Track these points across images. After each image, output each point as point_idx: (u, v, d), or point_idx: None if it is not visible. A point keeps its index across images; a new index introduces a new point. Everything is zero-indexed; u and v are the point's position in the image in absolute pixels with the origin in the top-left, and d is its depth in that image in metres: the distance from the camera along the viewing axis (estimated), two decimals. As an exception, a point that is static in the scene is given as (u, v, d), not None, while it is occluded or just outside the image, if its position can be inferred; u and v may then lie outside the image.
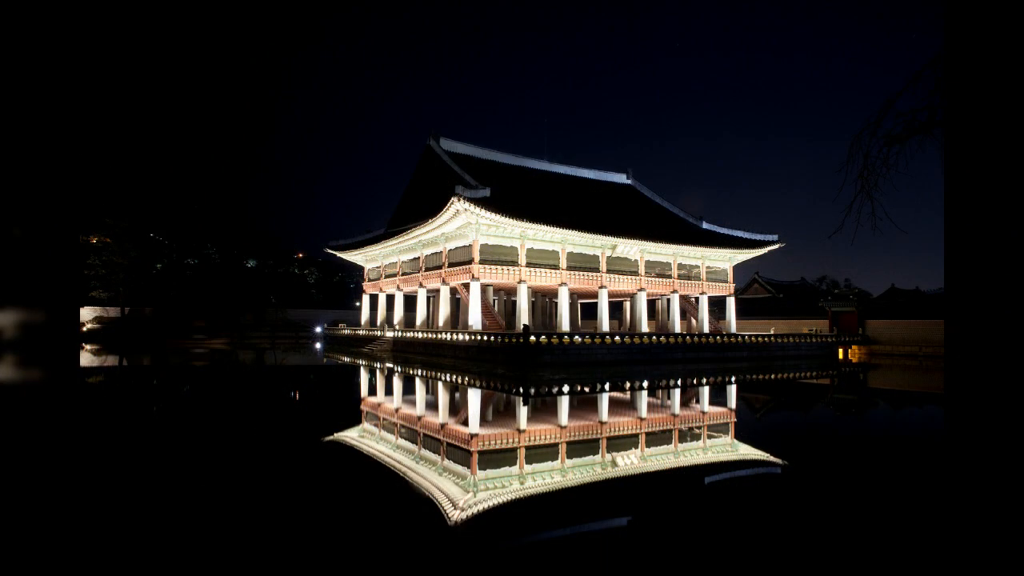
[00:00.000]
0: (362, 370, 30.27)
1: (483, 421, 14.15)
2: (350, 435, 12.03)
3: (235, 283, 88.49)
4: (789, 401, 20.77)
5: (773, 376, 28.83)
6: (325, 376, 28.31)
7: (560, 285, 40.33)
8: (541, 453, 10.91)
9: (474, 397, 19.11)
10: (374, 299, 57.38)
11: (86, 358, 35.07)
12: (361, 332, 53.03)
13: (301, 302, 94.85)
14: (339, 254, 56.52)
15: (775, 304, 67.35)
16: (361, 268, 59.87)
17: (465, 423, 13.82)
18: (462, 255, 39.78)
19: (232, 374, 27.69)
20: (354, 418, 14.64)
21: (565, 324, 39.71)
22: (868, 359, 46.50)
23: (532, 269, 39.38)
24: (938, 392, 22.43)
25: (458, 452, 10.69)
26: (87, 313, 67.58)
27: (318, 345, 57.72)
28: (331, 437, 11.75)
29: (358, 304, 69.19)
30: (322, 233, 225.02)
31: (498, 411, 16.22)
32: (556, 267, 40.40)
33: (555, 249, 40.43)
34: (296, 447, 11.05)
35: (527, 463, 10.04)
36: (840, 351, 48.98)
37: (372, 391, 21.34)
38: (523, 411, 16.08)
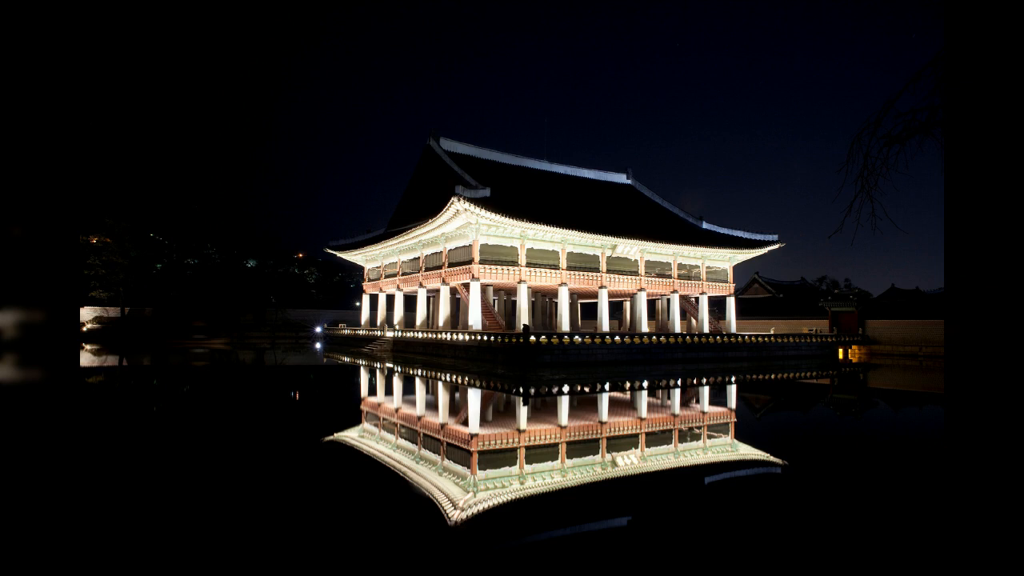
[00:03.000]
0: (362, 370, 30.27)
1: (483, 421, 14.14)
2: (350, 435, 12.03)
3: (235, 283, 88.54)
4: (789, 401, 20.77)
5: (773, 376, 28.82)
6: (325, 376, 28.31)
7: (560, 285, 40.32)
8: (541, 453, 10.90)
9: (474, 397, 19.11)
10: (374, 299, 57.39)
11: (86, 358, 35.08)
12: (361, 332, 53.03)
13: (301, 302, 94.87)
14: (339, 254, 56.52)
15: (775, 304, 67.34)
16: (361, 268, 59.87)
17: (465, 423, 13.81)
18: (462, 255, 39.77)
19: (232, 374, 27.68)
20: (354, 418, 14.64)
21: (565, 324, 39.71)
22: (868, 359, 46.50)
23: (532, 269, 39.38)
24: (938, 392, 22.44)
25: (458, 452, 10.68)
26: (87, 313, 67.60)
27: (318, 345, 57.71)
28: (331, 437, 11.74)
29: (358, 304, 69.21)
30: (322, 233, 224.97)
31: (498, 411, 16.22)
32: (556, 267, 40.40)
33: (555, 249, 40.43)
34: (296, 447, 11.05)
35: (527, 463, 10.04)
36: (840, 351, 49.00)
37: (372, 391, 21.34)
38: (523, 411, 16.07)
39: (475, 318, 37.70)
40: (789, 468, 9.72)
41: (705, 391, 22.13)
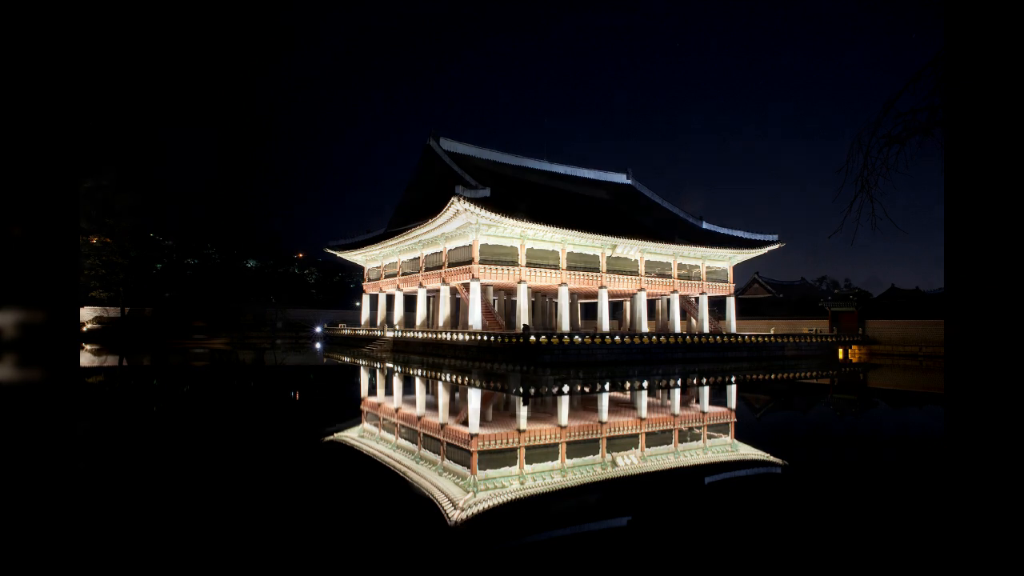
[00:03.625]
0: (362, 370, 30.27)
1: (483, 421, 14.14)
2: (350, 435, 12.03)
3: (235, 283, 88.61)
4: (789, 401, 20.77)
5: (773, 376, 28.82)
6: (325, 376, 28.31)
7: (560, 285, 40.32)
8: (541, 453, 10.90)
9: (474, 397, 19.11)
10: (374, 299, 57.39)
11: (86, 358, 35.07)
12: (361, 332, 53.02)
13: (301, 302, 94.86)
14: (339, 254, 56.53)
15: (775, 304, 67.34)
16: (361, 268, 59.88)
17: (465, 423, 13.81)
18: (462, 255, 39.77)
19: (232, 374, 27.68)
20: (354, 418, 14.63)
21: (565, 324, 39.70)
22: (868, 359, 46.49)
23: (532, 269, 39.38)
24: (938, 392, 22.43)
25: (458, 452, 10.68)
26: (87, 313, 67.59)
27: (318, 345, 57.69)
28: (331, 437, 11.74)
29: (358, 304, 69.19)
30: (322, 233, 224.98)
31: (498, 411, 16.22)
32: (556, 267, 40.39)
33: (555, 249, 40.42)
34: (296, 447, 11.05)
35: (527, 463, 10.04)
36: (840, 351, 48.99)
37: (372, 391, 21.34)
38: (523, 411, 16.07)
39: (475, 318, 37.70)
40: (789, 468, 9.72)
41: (705, 391, 22.12)
